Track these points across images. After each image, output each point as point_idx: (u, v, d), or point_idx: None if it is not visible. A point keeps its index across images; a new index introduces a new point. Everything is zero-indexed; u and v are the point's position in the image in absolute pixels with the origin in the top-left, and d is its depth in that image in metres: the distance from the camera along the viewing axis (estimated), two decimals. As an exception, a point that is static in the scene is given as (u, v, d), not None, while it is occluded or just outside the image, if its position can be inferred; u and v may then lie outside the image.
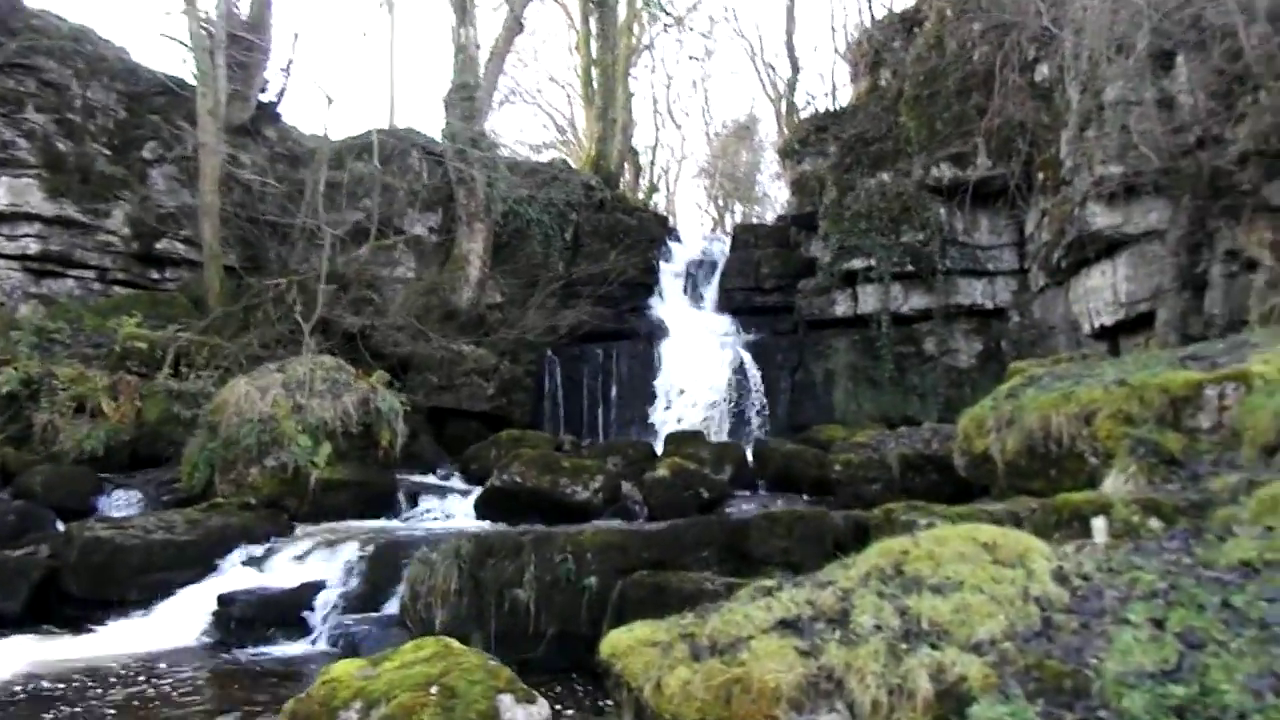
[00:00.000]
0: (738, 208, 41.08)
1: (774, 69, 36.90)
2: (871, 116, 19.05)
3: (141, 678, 5.91)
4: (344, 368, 10.06)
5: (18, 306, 16.68)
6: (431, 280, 17.16)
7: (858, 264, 17.95)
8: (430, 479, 11.46)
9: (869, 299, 18.00)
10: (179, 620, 7.13)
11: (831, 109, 21.66)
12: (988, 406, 6.83)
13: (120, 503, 9.95)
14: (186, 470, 9.66)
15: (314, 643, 6.85)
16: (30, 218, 17.15)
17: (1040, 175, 15.94)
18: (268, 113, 19.55)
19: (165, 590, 7.48)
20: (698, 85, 52.75)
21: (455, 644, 3.59)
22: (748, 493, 10.64)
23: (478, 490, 9.81)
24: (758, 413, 17.68)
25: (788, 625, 2.96)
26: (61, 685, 5.73)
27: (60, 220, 17.39)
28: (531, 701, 3.21)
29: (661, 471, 8.94)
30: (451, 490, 10.54)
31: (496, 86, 19.59)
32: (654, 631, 3.16)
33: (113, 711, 5.16)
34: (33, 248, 17.19)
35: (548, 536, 6.61)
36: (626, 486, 9.46)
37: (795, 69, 29.36)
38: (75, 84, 17.92)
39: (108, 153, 18.33)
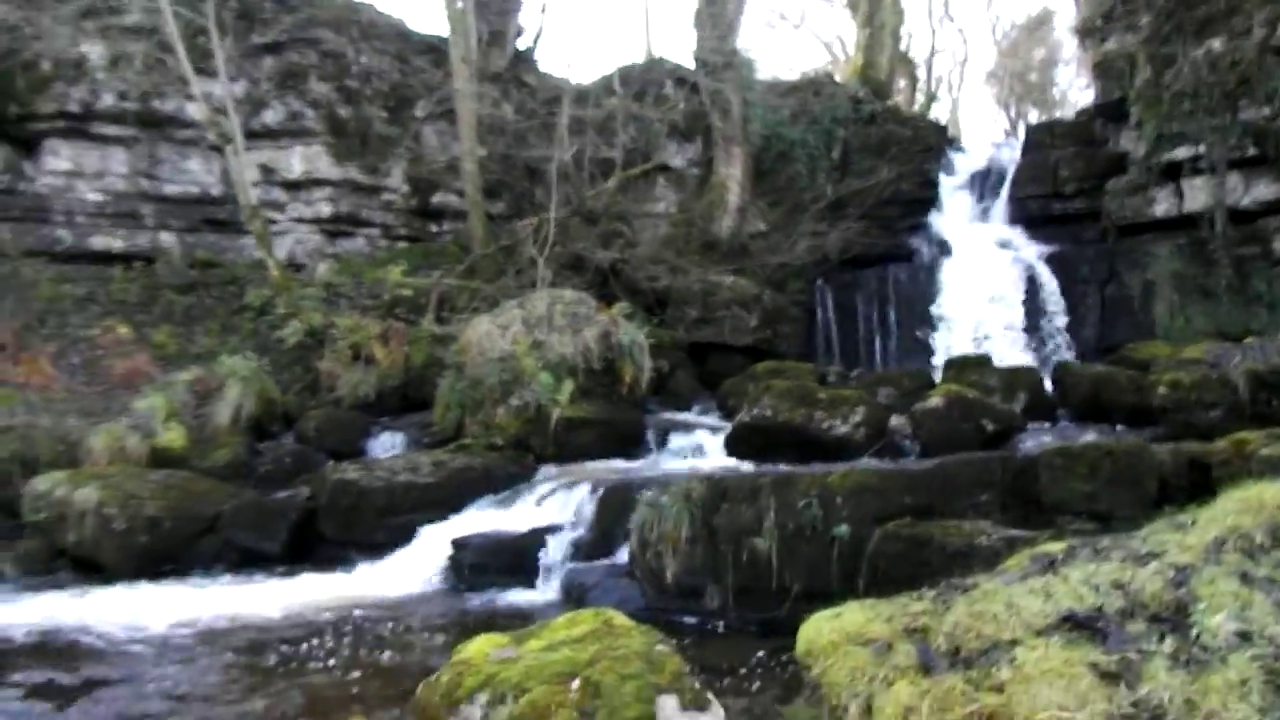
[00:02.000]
0: (1032, 115, 36.94)
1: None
2: (1196, -27, 15.83)
3: (366, 625, 5.70)
4: (585, 301, 9.59)
5: (317, 267, 17.92)
6: (689, 211, 16.47)
7: (1182, 153, 15.08)
8: (686, 416, 10.81)
9: (1197, 194, 15.09)
10: (418, 564, 6.98)
11: (1143, -27, 18.31)
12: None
13: (386, 445, 10.17)
14: (439, 412, 9.66)
15: (545, 590, 6.40)
16: (321, 183, 18.35)
17: None
18: (526, 59, 19.63)
19: (408, 533, 7.37)
20: (981, -18, 47.81)
21: (619, 619, 2.78)
22: (1046, 424, 9.01)
23: (730, 427, 9.01)
24: (1060, 335, 15.49)
25: (1079, 624, 1.85)
26: (291, 628, 5.63)
27: (347, 183, 18.48)
28: (702, 708, 2.33)
29: (934, 401, 7.63)
30: (705, 427, 9.81)
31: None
32: (869, 620, 2.16)
33: (317, 664, 4.91)
34: (326, 211, 18.42)
35: (789, 478, 5.68)
36: (895, 420, 8.24)
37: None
38: (351, 51, 18.84)
39: (384, 115, 19.21)
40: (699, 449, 9.11)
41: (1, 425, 9.23)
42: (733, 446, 8.48)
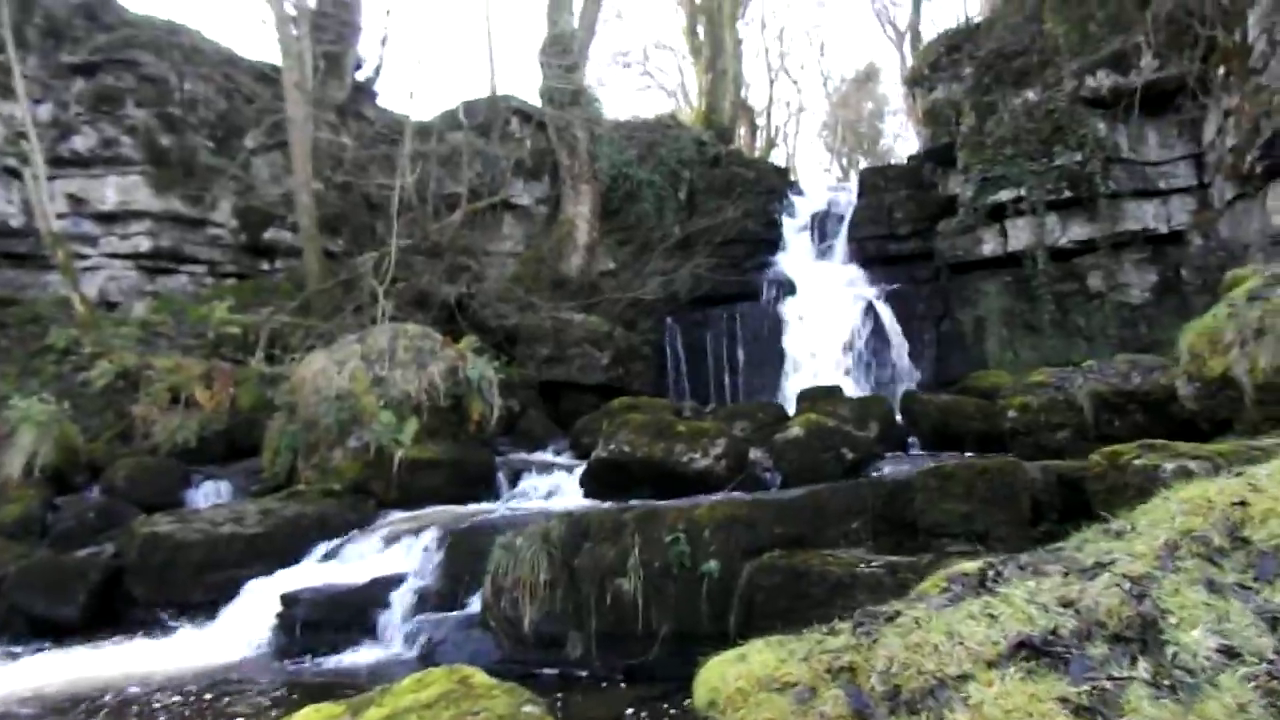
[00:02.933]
0: (862, 163, 38.73)
1: (890, 12, 34.39)
2: (1010, 28, 16.88)
3: (174, 700, 4.95)
4: (430, 335, 9.03)
5: (133, 306, 16.50)
6: (538, 249, 16.12)
7: (1005, 195, 15.90)
8: (539, 456, 10.34)
9: (1020, 234, 15.92)
10: (242, 625, 6.21)
11: (964, 27, 19.45)
12: (1223, 316, 5.13)
13: (209, 495, 9.24)
14: (269, 457, 8.85)
15: (388, 648, 5.79)
16: (139, 215, 16.98)
17: (1221, 69, 13.59)
18: (365, 91, 18.93)
19: (232, 591, 6.58)
20: (811, 37, 50.18)
21: (478, 677, 2.33)
22: (898, 453, 9.08)
23: (585, 465, 8.62)
24: (900, 370, 15.96)
25: (1035, 651, 1.57)
26: (80, 709, 4.81)
27: (168, 215, 17.16)
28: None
29: (795, 430, 7.50)
30: (559, 467, 9.38)
31: (594, 34, 18.33)
32: (782, 660, 1.81)
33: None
34: (144, 245, 17.02)
35: (654, 513, 5.34)
36: (755, 452, 8.08)
37: (918, -4, 26.99)
38: (174, 76, 17.64)
39: (211, 145, 18.05)
40: (554, 490, 8.66)
41: None
42: (589, 485, 8.09)
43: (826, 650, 1.79)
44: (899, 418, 9.96)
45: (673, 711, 4.29)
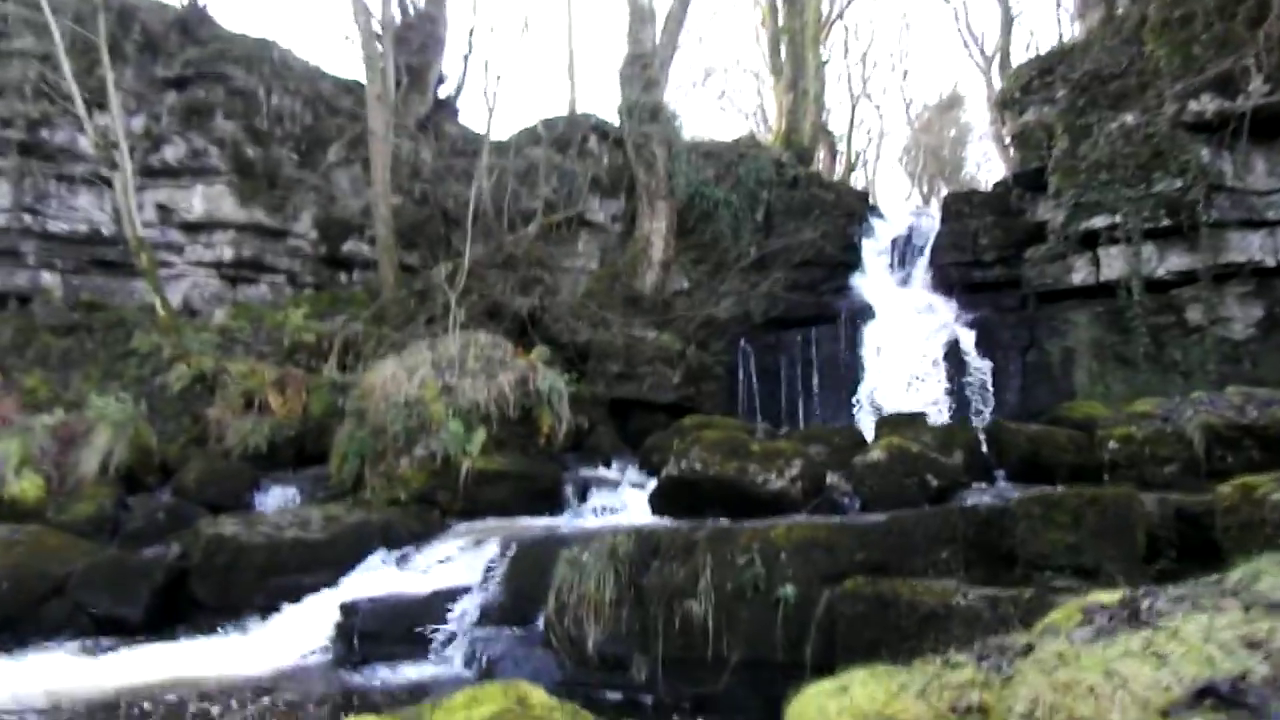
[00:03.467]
0: (943, 189, 37.97)
1: (977, 37, 33.73)
2: (1108, 50, 16.25)
3: (229, 705, 4.81)
4: (500, 344, 8.91)
5: (214, 313, 16.82)
6: (612, 265, 16.00)
7: (1099, 222, 15.25)
8: (606, 472, 10.12)
9: (1114, 263, 15.22)
10: (301, 632, 6.08)
11: (1057, 49, 18.84)
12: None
13: (277, 499, 9.22)
14: (336, 463, 8.79)
15: (447, 663, 5.59)
16: (224, 225, 17.35)
17: (1339, 94, 12.88)
18: (447, 108, 19.12)
19: (293, 596, 6.47)
20: (895, 62, 49.59)
21: (536, 695, 2.09)
22: (983, 484, 8.60)
23: (655, 483, 8.36)
24: (983, 401, 15.38)
25: (1221, 699, 1.24)
26: (132, 709, 4.70)
27: (251, 226, 17.51)
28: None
29: (876, 454, 7.13)
30: (628, 484, 9.14)
31: (675, 50, 18.23)
32: (893, 695, 1.53)
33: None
34: (227, 255, 17.38)
35: (728, 533, 5.05)
36: (832, 477, 7.72)
37: (1008, 12, 26.33)
38: (262, 91, 18.05)
39: (295, 157, 18.40)
40: (622, 507, 8.42)
41: None
42: (658, 503, 7.82)
43: (947, 685, 1.50)
44: (984, 448, 9.48)
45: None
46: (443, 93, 18.79)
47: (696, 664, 4.82)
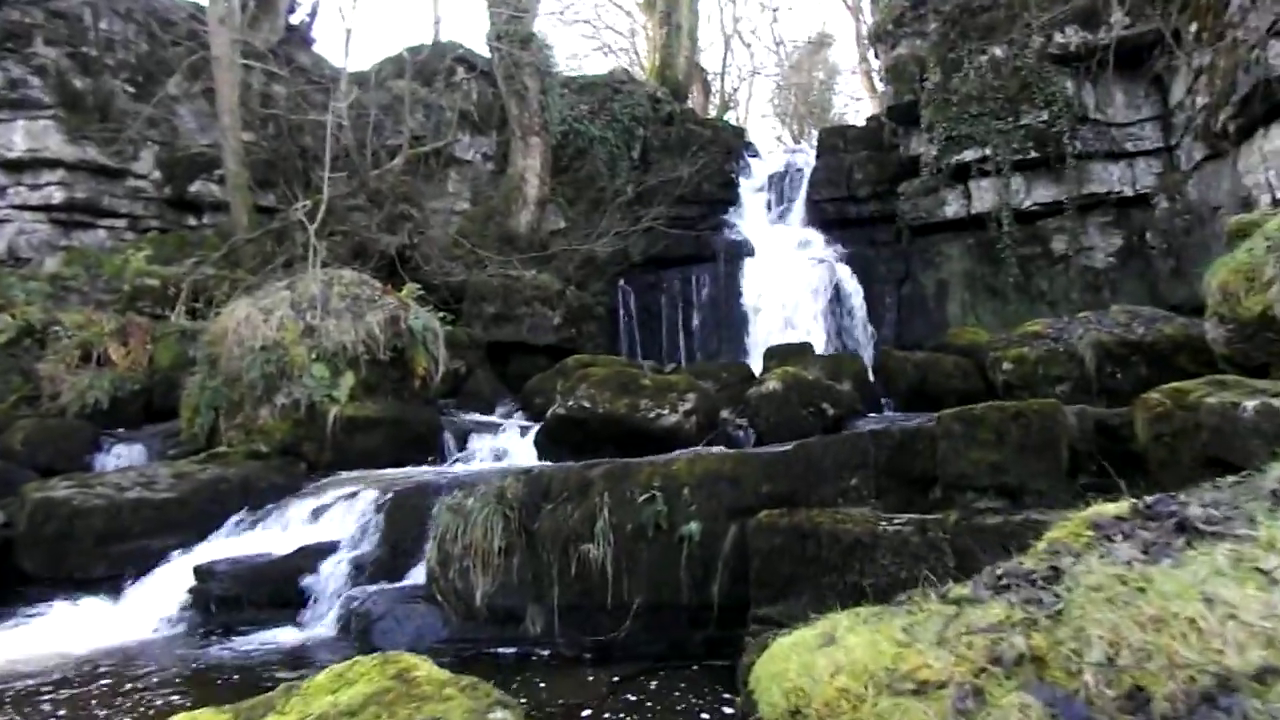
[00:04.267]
0: (812, 131, 38.27)
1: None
2: (978, -17, 16.35)
3: (66, 687, 4.17)
4: (367, 282, 8.21)
5: (44, 261, 15.30)
6: (485, 204, 15.28)
7: (970, 155, 15.44)
8: (487, 417, 9.61)
9: (985, 195, 15.48)
10: (150, 601, 5.43)
11: (928, -17, 18.85)
12: (1260, 251, 4.59)
13: (121, 459, 8.34)
14: (187, 416, 7.97)
15: (317, 626, 5.06)
16: (52, 164, 15.70)
17: (1193, 26, 13.21)
18: (299, 36, 17.78)
19: (140, 563, 5.77)
20: (765, 2, 49.47)
21: (423, 668, 1.65)
22: (872, 415, 8.52)
23: (540, 425, 7.93)
24: (862, 333, 15.50)
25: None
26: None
27: (84, 165, 15.90)
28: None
29: (772, 384, 6.88)
30: (510, 428, 8.67)
31: (544, -22, 17.40)
32: (899, 641, 1.14)
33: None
34: (57, 196, 15.74)
35: (626, 469, 4.68)
36: (725, 411, 7.45)
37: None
38: (88, 14, 16.32)
39: (131, 90, 16.79)
40: (505, 452, 7.96)
41: None
42: (545, 445, 7.40)
43: (975, 629, 1.14)
44: (871, 377, 9.42)
45: (649, 686, 3.65)
46: (295, 20, 17.44)
47: (596, 611, 4.46)
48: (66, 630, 5.25)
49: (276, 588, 5.20)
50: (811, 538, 3.54)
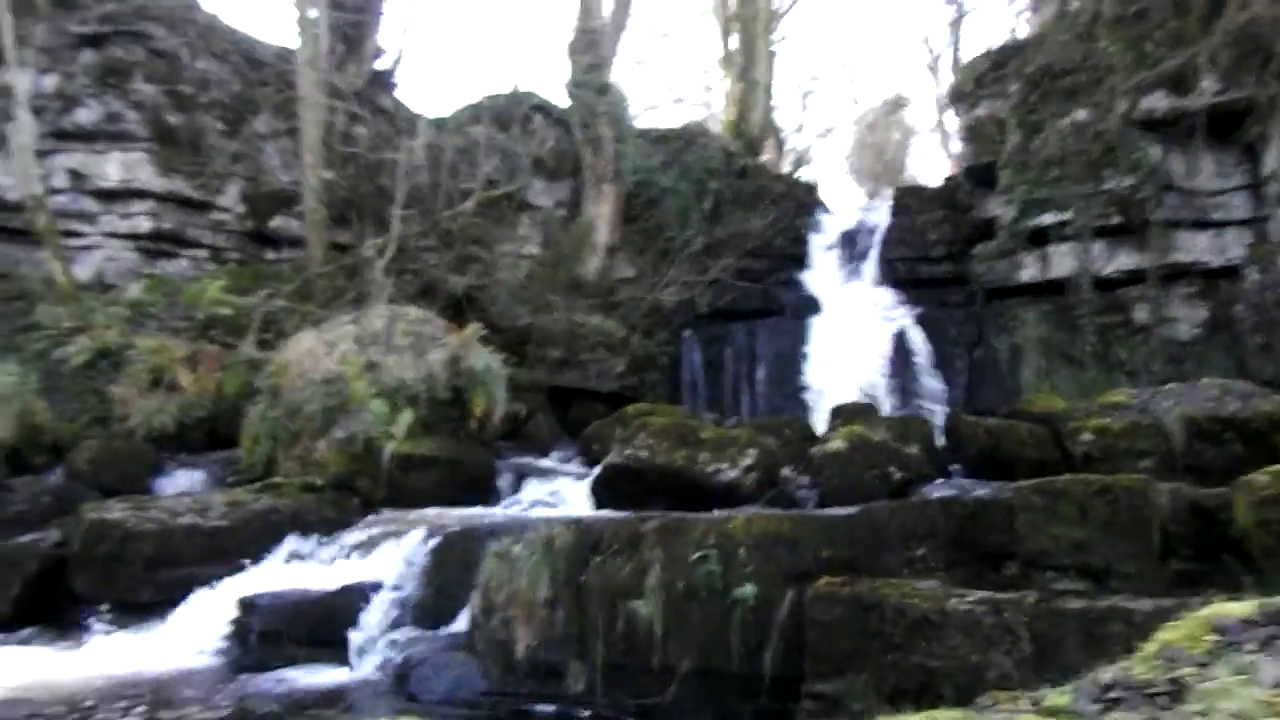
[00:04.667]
0: (886, 190, 38.05)
1: (926, 35, 33.74)
2: (1061, 45, 16.07)
3: (101, 714, 4.11)
4: (431, 320, 8.22)
5: (127, 287, 15.77)
6: (555, 250, 15.36)
7: (1048, 219, 15.07)
8: (544, 462, 9.50)
9: (1063, 261, 15.03)
10: (191, 630, 5.38)
11: (1011, 43, 18.67)
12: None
13: (181, 485, 8.41)
14: (247, 445, 8.02)
15: (356, 668, 4.93)
16: (142, 194, 16.26)
17: (1290, 92, 12.80)
18: (384, 82, 18.23)
19: (186, 590, 5.74)
20: (842, 62, 49.64)
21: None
22: (940, 480, 8.18)
23: (596, 472, 7.78)
24: (931, 395, 15.11)
25: None
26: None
27: (172, 197, 16.45)
28: None
29: (837, 444, 6.64)
30: (567, 474, 8.53)
31: (624, 29, 17.62)
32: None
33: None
34: (145, 226, 16.28)
35: (680, 525, 4.49)
36: (787, 469, 7.21)
37: (959, 8, 26.24)
38: (186, 53, 16.98)
39: (221, 127, 17.37)
40: (560, 498, 7.82)
41: None
42: (600, 493, 7.24)
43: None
44: (940, 441, 9.08)
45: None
46: (380, 65, 17.91)
47: (640, 672, 4.26)
48: (110, 653, 5.23)
49: (318, 625, 5.10)
50: (874, 610, 3.31)
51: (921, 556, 4.08)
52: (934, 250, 18.05)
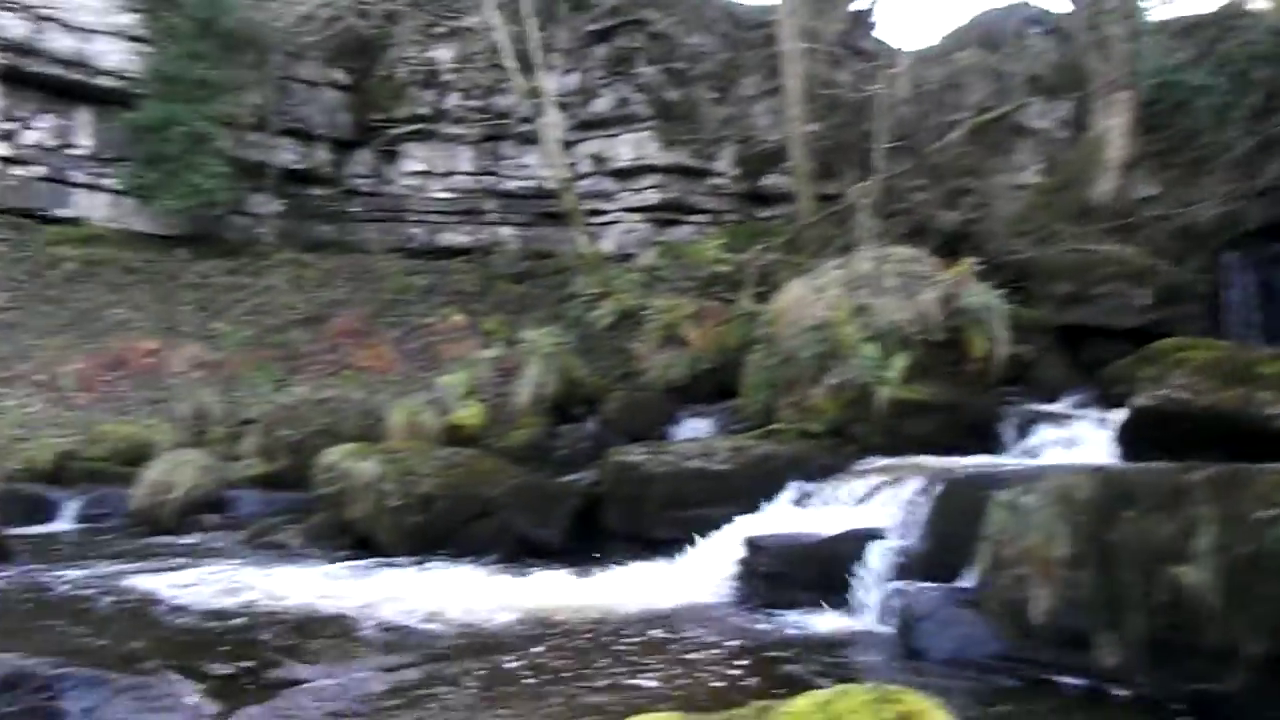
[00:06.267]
0: None
1: None
2: None
3: (629, 637, 4.51)
4: (921, 259, 7.79)
5: (643, 256, 17.43)
6: (1059, 175, 13.87)
7: None
8: (1053, 407, 8.59)
9: None
10: (704, 567, 5.69)
11: None
12: None
13: (691, 431, 9.08)
14: (747, 393, 8.34)
15: (857, 615, 4.84)
16: (650, 170, 17.90)
17: None
18: (862, 22, 17.91)
19: (696, 529, 6.09)
20: None
21: (922, 711, 1.22)
22: None
23: (1120, 417, 6.82)
24: None
25: None
26: (522, 632, 4.60)
27: (675, 168, 17.89)
28: None
29: None
30: (1083, 419, 7.61)
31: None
32: None
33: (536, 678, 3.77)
34: (653, 198, 17.95)
35: (1238, 477, 3.69)
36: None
37: None
38: (679, 31, 18.23)
39: (713, 95, 18.42)
40: (1075, 446, 6.99)
41: (316, 399, 9.30)
42: (1126, 442, 6.33)
43: None
44: None
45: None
46: (856, 7, 17.59)
47: (1191, 652, 3.56)
48: (630, 584, 5.74)
49: (821, 570, 5.09)
50: None
51: None
52: None
